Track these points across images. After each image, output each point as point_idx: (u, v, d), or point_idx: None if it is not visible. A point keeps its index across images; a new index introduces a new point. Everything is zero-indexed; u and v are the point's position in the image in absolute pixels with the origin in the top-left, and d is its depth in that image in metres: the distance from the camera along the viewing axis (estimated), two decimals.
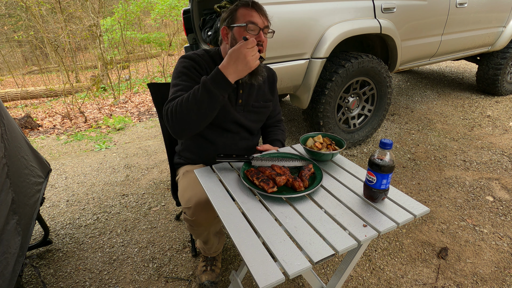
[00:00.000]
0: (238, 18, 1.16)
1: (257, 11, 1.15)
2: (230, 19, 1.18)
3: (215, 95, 1.03)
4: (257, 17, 1.15)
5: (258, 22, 1.15)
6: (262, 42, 1.16)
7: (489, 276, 1.43)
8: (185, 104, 1.05)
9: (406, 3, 2.45)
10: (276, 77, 1.43)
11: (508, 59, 3.48)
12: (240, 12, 1.16)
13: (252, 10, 1.15)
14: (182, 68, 1.20)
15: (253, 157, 1.11)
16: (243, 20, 1.15)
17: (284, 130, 1.50)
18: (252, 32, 1.14)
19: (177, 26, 8.85)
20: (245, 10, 1.15)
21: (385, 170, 0.86)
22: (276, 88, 1.43)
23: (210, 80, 1.03)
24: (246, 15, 1.15)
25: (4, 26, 9.27)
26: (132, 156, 2.87)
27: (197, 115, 1.06)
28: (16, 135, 1.38)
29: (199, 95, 1.03)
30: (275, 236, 0.78)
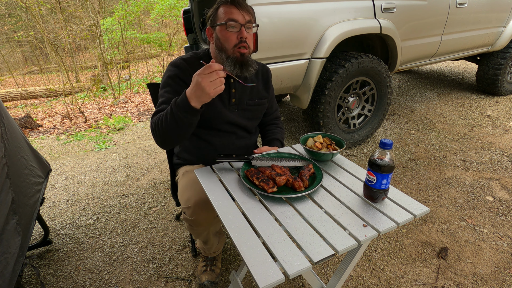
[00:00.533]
0: (219, 16, 1.15)
1: (237, 7, 1.13)
2: (212, 18, 1.17)
3: (181, 119, 1.01)
4: (236, 14, 1.12)
5: (238, 19, 1.12)
6: (245, 39, 1.13)
7: (489, 276, 1.43)
8: (162, 124, 1.06)
9: (406, 3, 2.45)
10: (270, 73, 1.41)
11: (508, 59, 3.48)
12: (221, 10, 1.15)
13: (231, 7, 1.13)
14: (167, 78, 1.20)
15: (253, 157, 1.11)
16: (223, 18, 1.13)
17: (282, 127, 1.49)
18: (234, 29, 1.13)
19: (177, 26, 8.85)
20: (225, 7, 1.14)
21: (385, 170, 0.86)
22: (271, 85, 1.41)
23: (174, 104, 1.02)
24: (226, 13, 1.13)
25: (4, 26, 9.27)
26: (132, 156, 2.87)
27: (172, 134, 1.07)
28: (16, 135, 1.38)
29: (169, 118, 1.03)
30: (275, 236, 0.78)
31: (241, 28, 1.13)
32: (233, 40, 1.14)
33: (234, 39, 1.14)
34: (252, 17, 1.16)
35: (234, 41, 1.14)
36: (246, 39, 1.14)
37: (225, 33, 1.13)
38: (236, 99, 1.28)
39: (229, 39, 1.13)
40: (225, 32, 1.13)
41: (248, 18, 1.14)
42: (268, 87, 1.39)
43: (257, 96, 1.33)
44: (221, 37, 1.15)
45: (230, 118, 1.27)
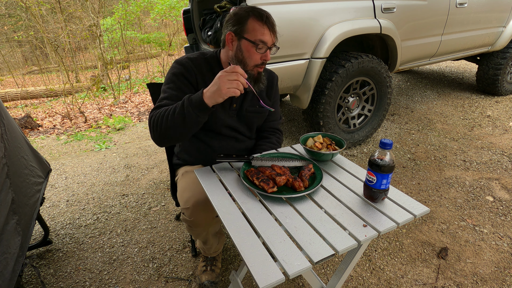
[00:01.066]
0: (249, 30, 1.10)
1: (269, 28, 1.11)
2: (239, 27, 1.12)
3: (190, 114, 1.00)
4: (268, 36, 1.11)
5: (268, 41, 1.11)
6: (266, 61, 1.14)
7: (489, 276, 1.43)
8: (165, 119, 1.04)
9: (406, 3, 2.45)
10: (276, 81, 1.38)
11: (508, 59, 3.48)
12: (252, 24, 1.10)
13: (264, 27, 1.10)
14: (171, 75, 1.18)
15: (253, 157, 1.11)
16: (254, 36, 1.10)
17: (276, 143, 1.38)
18: (260, 51, 1.11)
19: (177, 26, 8.85)
20: (257, 24, 1.09)
21: (385, 170, 0.86)
22: (275, 92, 1.38)
23: (187, 98, 1.01)
24: (257, 32, 1.09)
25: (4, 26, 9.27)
26: (132, 156, 2.87)
27: (175, 130, 1.05)
28: (16, 135, 1.38)
29: (177, 112, 1.02)
30: (275, 236, 0.78)
31: (267, 51, 1.13)
32: (257, 60, 1.13)
33: (258, 60, 1.13)
34: (277, 39, 1.16)
35: (257, 61, 1.13)
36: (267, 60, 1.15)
37: (252, 51, 1.11)
38: (237, 104, 1.27)
39: (253, 58, 1.13)
40: (252, 50, 1.11)
41: (274, 41, 1.14)
42: (271, 94, 1.36)
43: (258, 103, 1.31)
44: (245, 52, 1.13)
45: (229, 123, 1.26)
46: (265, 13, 1.11)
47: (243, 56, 1.13)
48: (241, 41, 1.12)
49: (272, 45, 1.14)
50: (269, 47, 1.12)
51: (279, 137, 1.43)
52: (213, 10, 2.63)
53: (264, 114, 1.35)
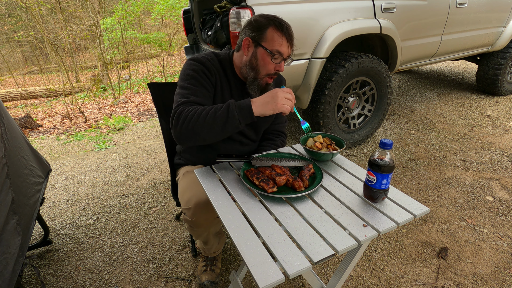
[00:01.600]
0: (267, 39, 1.10)
1: (288, 39, 1.10)
2: (258, 34, 1.11)
3: (232, 119, 0.98)
4: (285, 47, 1.11)
5: (285, 53, 1.11)
6: (279, 72, 1.14)
7: (489, 276, 1.43)
8: (202, 117, 0.99)
9: (406, 3, 2.45)
10: (284, 84, 1.37)
11: (508, 59, 3.48)
12: (271, 33, 1.09)
13: (283, 38, 1.10)
14: (190, 71, 1.14)
15: (253, 157, 1.11)
16: (272, 46, 1.09)
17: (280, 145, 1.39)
18: (275, 61, 1.11)
19: (177, 26, 8.85)
20: (277, 34, 1.09)
21: (385, 170, 0.86)
22: None
23: (234, 102, 1.00)
24: (276, 42, 1.09)
25: (4, 26, 9.27)
26: (132, 156, 2.87)
27: (207, 131, 1.01)
28: (16, 135, 1.38)
29: (219, 113, 0.99)
30: (275, 236, 0.78)
31: (282, 62, 1.13)
32: (270, 70, 1.13)
33: (271, 69, 1.13)
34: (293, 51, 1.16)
35: (270, 70, 1.14)
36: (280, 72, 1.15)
37: (267, 61, 1.11)
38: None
39: (267, 67, 1.13)
40: (268, 60, 1.11)
41: (290, 53, 1.14)
42: None
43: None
44: (260, 60, 1.12)
45: None
46: (286, 24, 1.11)
47: (258, 64, 1.13)
48: (257, 49, 1.12)
49: (288, 57, 1.14)
50: (284, 58, 1.13)
51: (283, 140, 1.43)
52: (213, 10, 2.64)
53: (271, 117, 1.35)
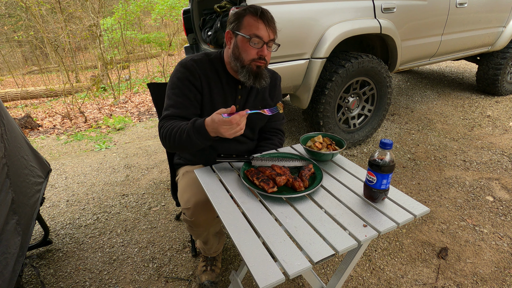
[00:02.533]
0: (244, 26, 1.10)
1: (264, 23, 1.09)
2: (236, 24, 1.12)
3: (196, 143, 1.04)
4: (263, 30, 1.09)
5: (264, 36, 1.09)
6: (264, 56, 1.12)
7: (489, 276, 1.43)
8: (176, 138, 1.07)
9: (406, 3, 2.45)
10: (279, 81, 1.37)
11: (508, 59, 3.48)
12: (247, 20, 1.10)
13: (259, 21, 1.08)
14: (175, 79, 1.18)
15: (253, 157, 1.11)
16: (249, 31, 1.09)
17: (278, 144, 1.39)
18: (256, 46, 1.10)
19: (177, 26, 8.85)
20: (252, 19, 1.09)
21: (385, 170, 0.86)
22: (278, 93, 1.36)
23: (192, 129, 1.02)
24: (252, 26, 1.09)
25: (4, 26, 9.27)
26: (132, 156, 2.87)
27: (184, 148, 1.10)
28: (16, 135, 1.38)
29: (184, 137, 1.05)
30: (275, 236, 0.78)
31: (263, 46, 1.11)
32: (252, 54, 1.12)
33: (254, 54, 1.12)
34: (275, 35, 1.14)
35: (253, 55, 1.12)
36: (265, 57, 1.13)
37: (247, 46, 1.10)
38: (241, 106, 1.26)
39: (249, 53, 1.12)
40: (247, 45, 1.10)
41: (273, 37, 1.12)
42: (274, 94, 1.35)
43: (261, 104, 1.30)
44: (241, 47, 1.12)
45: None
46: (261, 9, 1.11)
47: (239, 51, 1.13)
48: (237, 37, 1.13)
49: (270, 41, 1.12)
50: (265, 42, 1.10)
51: (281, 138, 1.42)
52: (213, 10, 2.64)
53: (266, 115, 1.34)
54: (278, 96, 1.38)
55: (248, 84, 1.17)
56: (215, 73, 1.21)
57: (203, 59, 1.21)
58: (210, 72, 1.20)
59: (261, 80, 1.17)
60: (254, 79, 1.15)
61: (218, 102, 1.21)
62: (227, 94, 1.23)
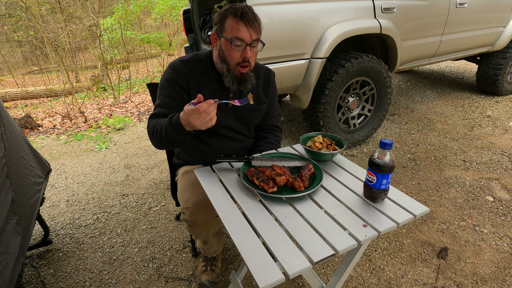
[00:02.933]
0: (226, 28, 1.08)
1: (246, 24, 1.06)
2: (219, 26, 1.11)
3: (175, 138, 1.04)
4: (244, 32, 1.06)
5: (245, 38, 1.07)
6: (248, 58, 1.10)
7: (489, 276, 1.43)
8: (158, 135, 1.09)
9: (406, 3, 2.45)
10: (273, 77, 1.35)
11: (508, 59, 3.48)
12: (228, 22, 1.08)
13: (239, 23, 1.05)
14: (164, 81, 1.20)
15: (253, 157, 1.11)
16: (230, 33, 1.07)
17: (275, 143, 1.38)
18: (237, 48, 1.08)
19: (177, 26, 8.85)
20: (233, 21, 1.06)
21: (385, 170, 0.86)
22: (272, 89, 1.35)
23: (169, 125, 1.02)
24: (233, 29, 1.06)
25: (4, 26, 9.27)
26: (132, 156, 2.87)
27: (167, 145, 1.12)
28: (16, 135, 1.38)
29: (163, 133, 1.06)
30: (275, 236, 0.78)
31: (246, 48, 1.09)
32: (236, 58, 1.11)
33: (238, 57, 1.10)
34: (259, 35, 1.11)
35: (237, 59, 1.11)
36: (250, 59, 1.11)
37: (229, 49, 1.09)
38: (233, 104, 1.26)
39: (232, 57, 1.11)
40: (229, 48, 1.09)
41: (255, 37, 1.09)
42: (268, 91, 1.33)
43: (255, 102, 1.29)
44: (224, 51, 1.12)
45: (226, 123, 1.26)
46: (242, 9, 1.07)
47: (224, 55, 1.13)
48: (221, 40, 1.12)
49: (254, 41, 1.09)
50: (248, 44, 1.08)
51: (278, 135, 1.41)
52: (213, 10, 2.63)
53: (261, 112, 1.34)
54: (273, 92, 1.37)
55: (232, 89, 1.17)
56: (204, 72, 1.21)
57: (192, 59, 1.21)
58: (199, 71, 1.20)
59: (246, 84, 1.16)
60: (238, 84, 1.15)
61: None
62: (218, 93, 1.23)
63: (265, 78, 1.32)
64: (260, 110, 1.32)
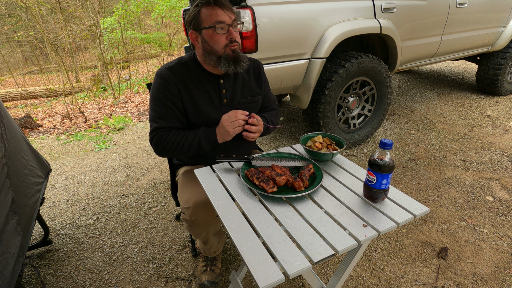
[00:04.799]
0: (203, 19, 1.11)
1: (221, 7, 1.10)
2: (195, 22, 1.13)
3: (205, 146, 1.18)
4: (222, 15, 1.10)
5: (226, 20, 1.10)
6: (234, 38, 1.13)
7: (489, 276, 1.43)
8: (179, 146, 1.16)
9: (406, 3, 2.45)
10: (262, 68, 1.36)
11: (508, 59, 3.48)
12: (204, 12, 1.11)
13: (215, 8, 1.10)
14: (155, 91, 1.19)
15: (253, 157, 1.11)
16: (210, 21, 1.10)
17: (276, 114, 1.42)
18: (222, 31, 1.11)
19: (177, 26, 8.85)
20: (208, 9, 1.10)
21: (385, 170, 0.86)
22: (263, 79, 1.36)
23: (205, 136, 1.17)
24: (211, 15, 1.10)
25: (4, 26, 9.27)
26: (132, 156, 2.87)
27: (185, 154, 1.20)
28: (16, 135, 1.38)
29: (194, 143, 1.17)
30: (275, 236, 0.78)
31: (229, 29, 1.12)
32: (223, 41, 1.12)
33: (224, 40, 1.12)
34: (236, 15, 1.15)
35: (224, 42, 1.12)
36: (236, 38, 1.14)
37: (214, 35, 1.11)
38: (228, 99, 1.26)
39: (219, 41, 1.12)
40: (214, 34, 1.11)
41: (234, 17, 1.13)
42: (260, 82, 1.35)
43: (249, 93, 1.30)
44: (209, 40, 1.12)
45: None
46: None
47: (209, 45, 1.13)
48: (202, 33, 1.13)
49: (234, 21, 1.13)
50: (229, 24, 1.11)
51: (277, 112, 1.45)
52: None
53: (257, 103, 1.35)
54: (265, 82, 1.38)
55: (230, 71, 1.17)
56: (191, 74, 1.21)
57: (177, 65, 1.21)
58: (186, 75, 1.20)
59: (241, 63, 1.17)
60: (234, 64, 1.15)
61: (202, 103, 1.21)
62: (210, 91, 1.22)
63: (254, 70, 1.33)
64: (256, 101, 1.34)
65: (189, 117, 1.21)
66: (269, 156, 1.14)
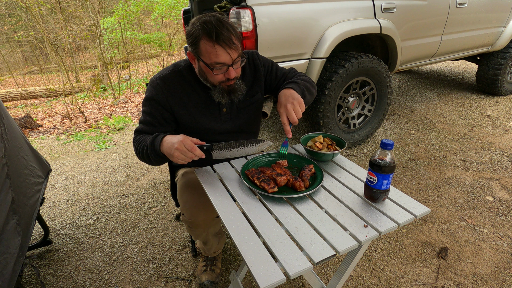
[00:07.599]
0: (203, 53, 1.02)
1: (223, 46, 0.99)
2: (194, 48, 1.04)
3: (153, 157, 1.05)
4: (223, 55, 1.00)
5: (226, 61, 1.01)
6: (232, 78, 1.06)
7: (489, 276, 1.43)
8: (139, 153, 1.10)
9: (406, 3, 2.45)
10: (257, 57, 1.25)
11: (508, 59, 3.48)
12: (204, 46, 1.00)
13: (216, 47, 0.99)
14: (145, 99, 1.16)
15: (211, 145, 1.05)
16: (209, 59, 1.01)
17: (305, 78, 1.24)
18: (220, 72, 1.04)
19: (177, 26, 8.85)
20: (208, 45, 0.99)
21: (386, 170, 0.86)
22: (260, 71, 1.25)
23: (151, 144, 1.03)
24: (211, 54, 1.00)
25: (4, 26, 9.26)
26: (132, 156, 2.87)
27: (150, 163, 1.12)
28: (16, 135, 1.38)
29: (145, 152, 1.06)
30: (275, 236, 0.78)
31: (229, 69, 1.04)
32: (219, 78, 1.07)
33: (221, 78, 1.07)
34: (239, 50, 1.04)
35: (220, 79, 1.07)
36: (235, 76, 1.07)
37: (210, 73, 1.05)
38: (227, 107, 1.20)
39: (215, 78, 1.07)
40: (211, 72, 1.04)
41: (236, 55, 1.03)
42: (258, 77, 1.24)
43: (248, 95, 1.23)
44: (206, 73, 1.07)
45: (224, 129, 1.22)
46: (216, 30, 0.98)
47: (205, 76, 1.09)
48: (199, 62, 1.07)
49: (236, 59, 1.04)
50: (229, 65, 1.03)
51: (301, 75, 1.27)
52: (213, 10, 2.63)
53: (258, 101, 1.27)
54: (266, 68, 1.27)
55: (224, 102, 1.13)
56: (187, 85, 1.16)
57: (171, 74, 1.15)
58: (181, 86, 1.15)
59: (236, 93, 1.12)
60: (229, 95, 1.11)
61: (198, 113, 1.17)
62: (208, 102, 1.18)
63: (250, 65, 1.24)
64: (257, 100, 1.27)
65: (187, 128, 1.19)
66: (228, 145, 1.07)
